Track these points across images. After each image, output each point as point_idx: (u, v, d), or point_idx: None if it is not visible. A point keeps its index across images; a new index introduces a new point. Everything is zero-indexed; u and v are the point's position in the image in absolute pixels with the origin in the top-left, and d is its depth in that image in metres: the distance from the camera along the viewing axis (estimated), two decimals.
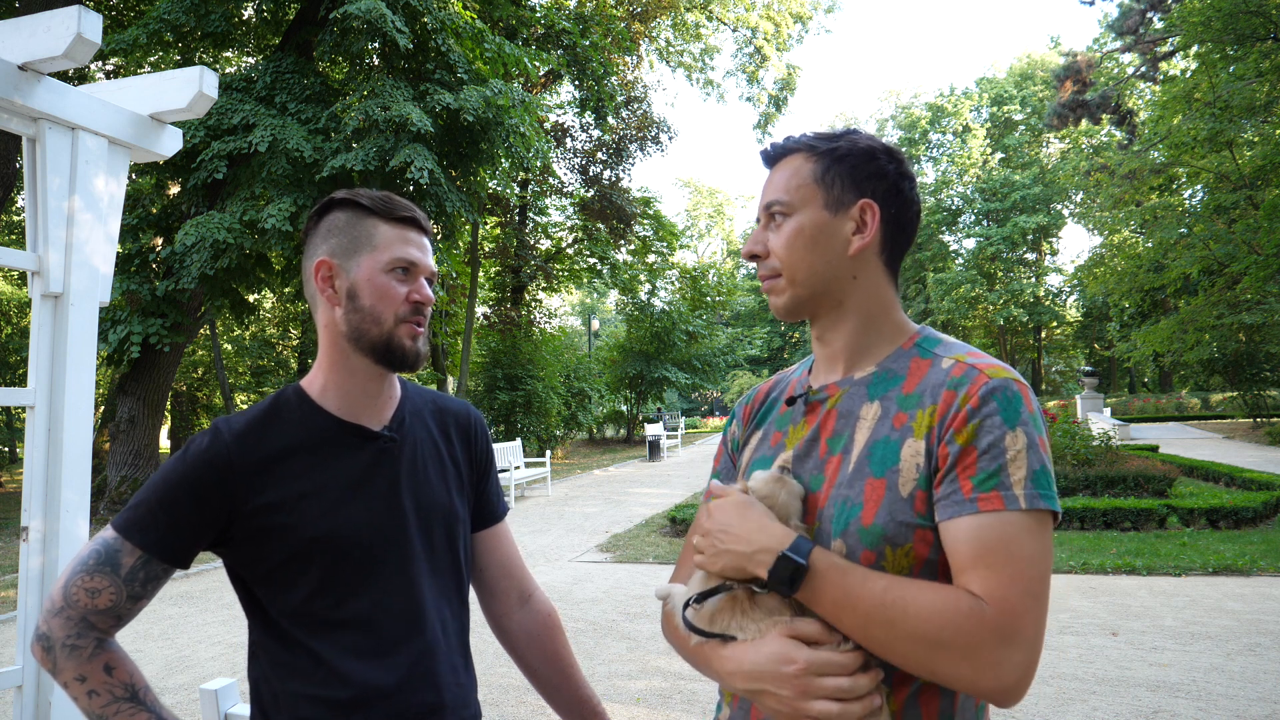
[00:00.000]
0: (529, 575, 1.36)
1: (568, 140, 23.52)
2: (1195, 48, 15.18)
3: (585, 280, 27.19)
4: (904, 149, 46.38)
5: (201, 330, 17.79)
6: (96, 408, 8.80)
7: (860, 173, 0.98)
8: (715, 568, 0.91)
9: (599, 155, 23.56)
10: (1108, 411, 22.43)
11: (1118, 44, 22.37)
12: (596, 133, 22.77)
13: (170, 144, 1.94)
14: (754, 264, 1.05)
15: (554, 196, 24.99)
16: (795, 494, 0.94)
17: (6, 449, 28.33)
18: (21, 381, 22.31)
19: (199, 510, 1.04)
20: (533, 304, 25.93)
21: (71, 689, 1.02)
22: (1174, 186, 22.17)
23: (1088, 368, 27.25)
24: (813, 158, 1.00)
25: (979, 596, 0.81)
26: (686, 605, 0.95)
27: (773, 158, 1.05)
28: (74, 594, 1.02)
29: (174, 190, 12.11)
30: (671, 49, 24.42)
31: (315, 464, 1.10)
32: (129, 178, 4.88)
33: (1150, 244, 20.50)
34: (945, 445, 0.87)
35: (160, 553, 1.04)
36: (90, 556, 1.03)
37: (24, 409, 1.87)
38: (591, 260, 25.07)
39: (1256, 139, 16.43)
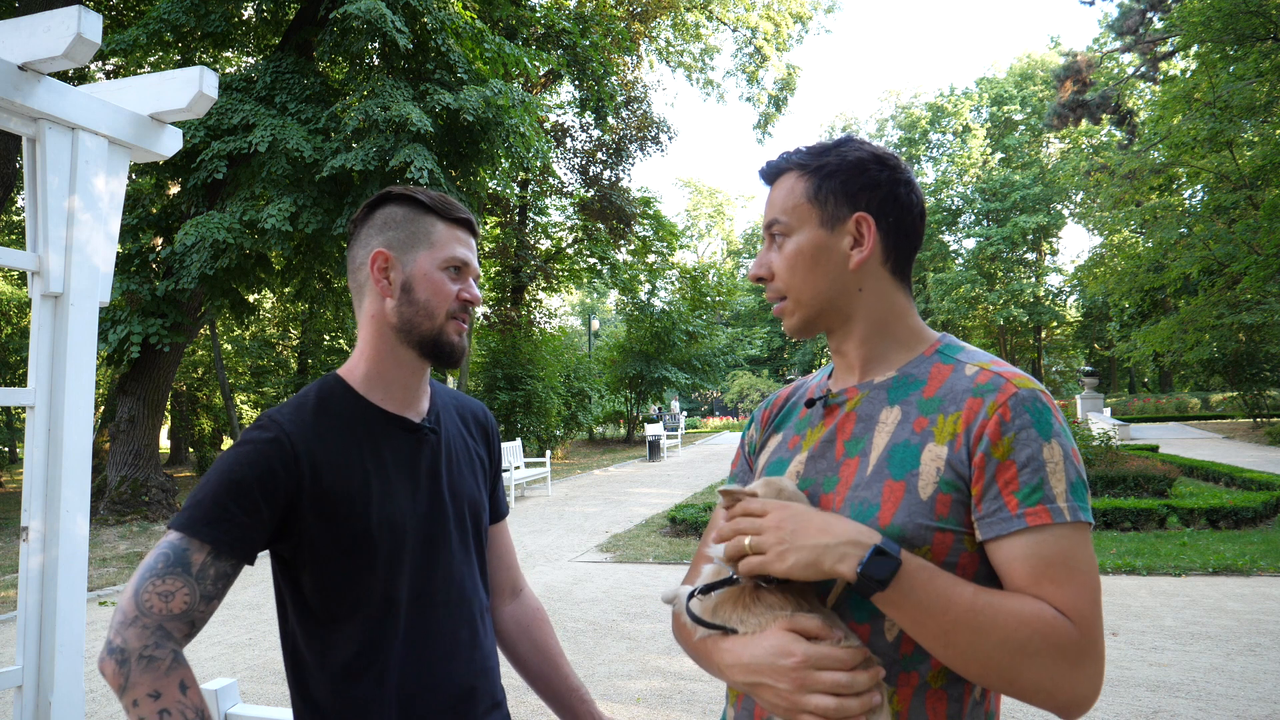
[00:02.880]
0: (520, 570, 1.42)
1: (568, 140, 23.50)
2: (1195, 48, 15.18)
3: (585, 280, 27.15)
4: (904, 149, 46.54)
5: (201, 330, 17.79)
6: (96, 408, 8.80)
7: (852, 186, 0.98)
8: (783, 565, 0.85)
9: (599, 155, 23.54)
10: (1108, 411, 22.42)
11: (1118, 44, 22.35)
12: (596, 133, 22.75)
13: (170, 144, 1.94)
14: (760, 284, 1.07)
15: (554, 196, 24.96)
16: (797, 488, 0.95)
17: (6, 449, 28.31)
18: (21, 381, 22.30)
19: (266, 497, 1.03)
20: (533, 304, 25.90)
21: (142, 706, 0.94)
22: (1174, 186, 22.16)
23: (1088, 368, 27.26)
24: (805, 176, 1.00)
25: (1061, 611, 0.82)
26: (691, 596, 0.95)
27: (770, 175, 1.05)
28: (146, 600, 0.97)
29: (174, 190, 12.10)
30: (671, 49, 24.41)
31: (368, 452, 1.12)
32: (129, 178, 4.88)
33: (1150, 244, 20.50)
34: (981, 455, 0.86)
35: (229, 547, 1.02)
36: (157, 561, 1.00)
37: (24, 409, 1.87)
38: (591, 260, 25.02)
39: (1256, 139, 16.42)
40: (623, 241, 25.18)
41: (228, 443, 27.36)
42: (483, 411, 1.37)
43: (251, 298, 14.74)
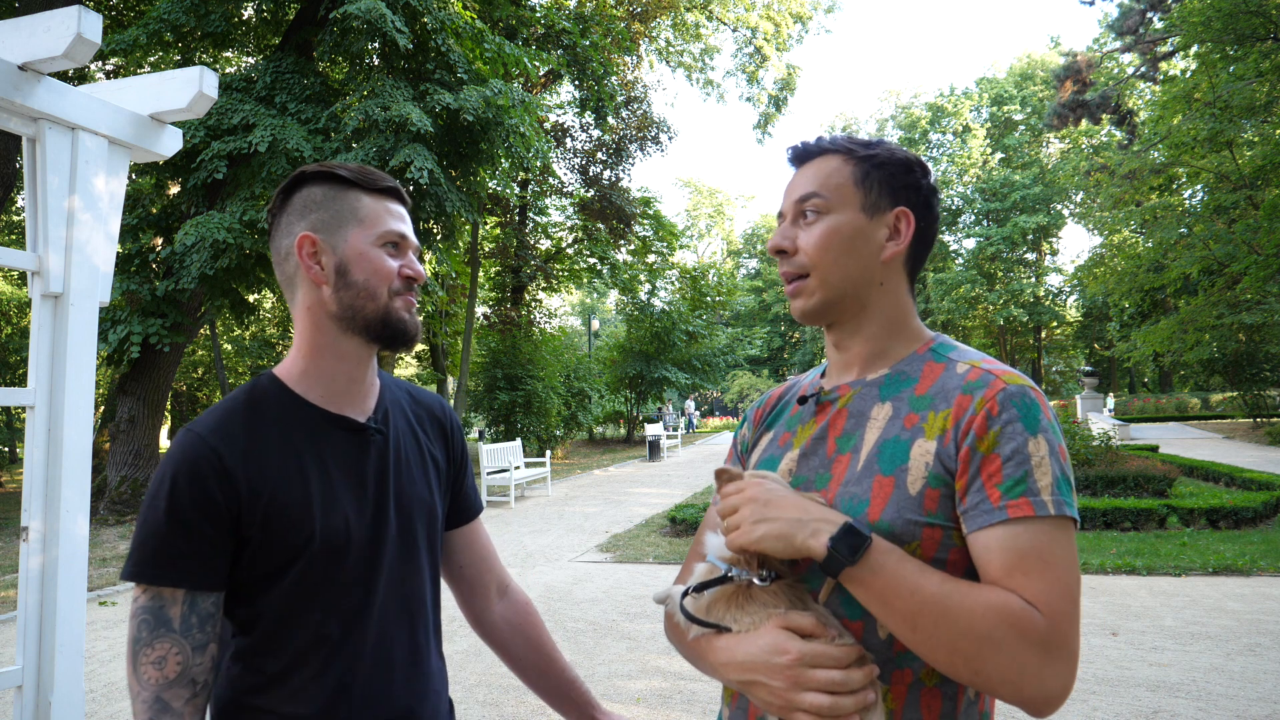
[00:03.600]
0: (504, 567, 1.36)
1: (568, 140, 23.50)
2: (1195, 48, 15.19)
3: (585, 280, 27.16)
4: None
5: (201, 330, 17.79)
6: (96, 408, 8.80)
7: (898, 182, 1.00)
8: (753, 537, 0.86)
9: (599, 155, 23.54)
10: (1108, 411, 22.41)
11: (1118, 44, 22.37)
12: (596, 133, 22.74)
13: (170, 144, 1.94)
14: (777, 258, 1.03)
15: (554, 196, 24.96)
16: (783, 481, 0.95)
17: (6, 449, 28.31)
18: (21, 381, 22.30)
19: (208, 520, 0.97)
20: (533, 304, 25.90)
21: None
22: (1174, 186, 22.18)
23: (1088, 368, 27.25)
24: (851, 160, 1.00)
25: (1030, 602, 0.80)
26: (685, 594, 0.95)
27: (804, 155, 1.04)
28: (144, 673, 0.94)
29: (174, 190, 12.10)
30: (671, 49, 24.41)
31: (308, 457, 1.04)
32: (129, 178, 4.88)
33: (1150, 244, 20.52)
34: (967, 450, 0.86)
35: (198, 581, 0.97)
36: (140, 629, 0.96)
37: (24, 409, 1.87)
38: (591, 260, 25.03)
39: (1256, 139, 16.43)
40: (623, 241, 25.19)
41: None
42: (439, 406, 1.28)
43: (251, 298, 14.71)
